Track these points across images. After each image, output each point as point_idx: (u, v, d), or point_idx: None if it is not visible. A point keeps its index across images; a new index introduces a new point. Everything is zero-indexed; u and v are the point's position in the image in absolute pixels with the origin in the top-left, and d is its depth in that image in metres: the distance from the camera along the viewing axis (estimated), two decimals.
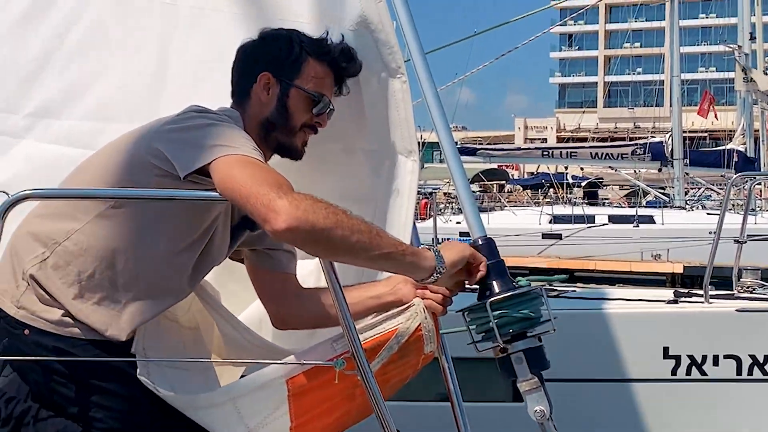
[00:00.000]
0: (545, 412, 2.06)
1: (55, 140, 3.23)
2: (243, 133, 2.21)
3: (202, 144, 2.10)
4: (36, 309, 2.23)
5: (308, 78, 2.39)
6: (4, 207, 1.97)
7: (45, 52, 3.28)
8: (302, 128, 2.40)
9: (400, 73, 2.54)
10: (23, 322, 2.22)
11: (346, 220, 1.97)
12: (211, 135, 2.13)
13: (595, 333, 5.12)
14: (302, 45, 2.40)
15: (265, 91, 2.38)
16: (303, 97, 2.38)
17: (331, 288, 2.02)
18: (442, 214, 21.69)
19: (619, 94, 72.07)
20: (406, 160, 2.57)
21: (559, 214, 20.45)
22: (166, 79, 3.10)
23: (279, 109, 2.37)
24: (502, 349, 2.10)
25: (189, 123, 2.19)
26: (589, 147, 25.30)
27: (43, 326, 2.21)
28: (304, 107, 2.39)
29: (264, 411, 2.12)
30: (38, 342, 2.21)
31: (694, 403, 5.10)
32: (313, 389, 2.11)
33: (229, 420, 2.14)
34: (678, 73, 22.85)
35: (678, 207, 21.17)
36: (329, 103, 2.42)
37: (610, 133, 54.29)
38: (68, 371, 2.21)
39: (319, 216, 1.93)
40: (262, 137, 2.36)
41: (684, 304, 5.24)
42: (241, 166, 2.03)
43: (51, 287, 2.22)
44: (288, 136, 2.40)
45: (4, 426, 2.29)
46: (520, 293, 2.10)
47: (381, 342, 2.15)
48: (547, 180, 28.76)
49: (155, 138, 2.19)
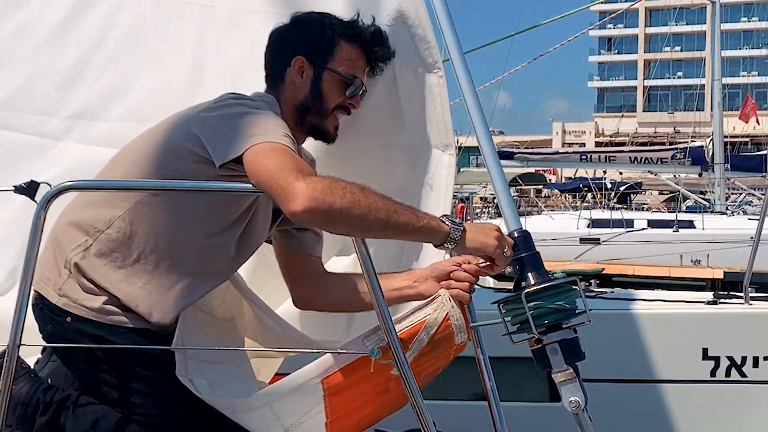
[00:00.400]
0: (580, 403, 2.07)
1: (94, 141, 3.30)
2: (277, 120, 2.25)
3: (238, 133, 2.14)
4: (78, 297, 2.28)
5: (341, 60, 2.42)
6: (46, 197, 2.02)
7: (83, 55, 3.35)
8: (335, 110, 2.44)
9: (437, 68, 2.56)
10: (65, 309, 2.28)
11: (363, 199, 2.02)
12: (247, 124, 2.17)
13: (633, 334, 5.08)
14: (334, 28, 2.44)
15: (299, 75, 2.42)
16: (336, 79, 2.42)
17: (367, 278, 2.03)
18: (479, 218, 21.62)
19: (659, 98, 71.45)
20: (442, 154, 2.59)
21: (597, 219, 20.29)
22: (203, 79, 3.15)
23: (313, 93, 2.41)
24: (537, 341, 2.11)
25: (226, 111, 2.23)
26: (629, 151, 25.06)
27: (85, 314, 2.26)
28: (338, 90, 2.43)
29: (300, 411, 2.16)
30: (79, 329, 2.26)
31: (733, 405, 5.05)
32: (348, 387, 2.14)
33: (266, 421, 2.18)
34: (719, 77, 22.60)
35: (718, 212, 20.92)
36: (362, 85, 2.46)
37: (650, 137, 53.82)
38: (109, 358, 2.26)
39: (336, 197, 2.00)
40: (297, 121, 2.41)
41: (723, 305, 5.19)
42: (268, 155, 2.08)
43: (95, 275, 2.26)
44: (321, 118, 2.44)
45: (44, 414, 2.34)
46: (556, 285, 2.12)
47: (411, 334, 2.17)
48: (585, 184, 28.55)
49: (193, 123, 2.23)
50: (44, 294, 2.31)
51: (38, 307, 2.32)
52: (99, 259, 2.27)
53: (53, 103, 3.38)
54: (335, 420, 2.18)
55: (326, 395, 2.13)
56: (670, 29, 60.56)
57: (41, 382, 2.40)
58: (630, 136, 49.08)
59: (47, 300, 2.31)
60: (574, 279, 2.16)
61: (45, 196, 2.01)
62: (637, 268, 18.60)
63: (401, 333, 2.16)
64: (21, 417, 2.34)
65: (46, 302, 2.31)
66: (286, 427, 2.17)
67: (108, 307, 2.26)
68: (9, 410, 2.18)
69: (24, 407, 2.33)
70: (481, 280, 6.47)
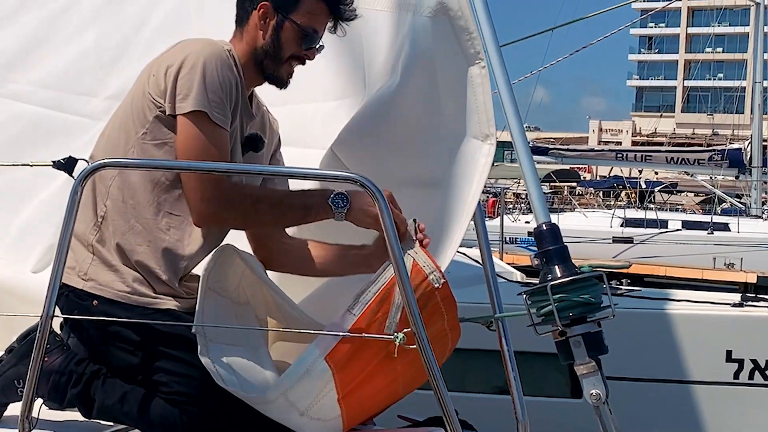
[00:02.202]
0: (601, 396, 2.08)
1: None
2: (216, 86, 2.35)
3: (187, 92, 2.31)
4: (104, 279, 2.34)
5: (304, 13, 2.50)
6: (84, 174, 2.07)
7: (125, 37, 3.40)
8: (290, 59, 2.53)
9: (479, 59, 2.56)
10: (91, 293, 2.34)
11: (253, 215, 2.37)
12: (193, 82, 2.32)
13: (657, 333, 5.08)
14: None
15: (262, 20, 2.51)
16: (296, 30, 2.50)
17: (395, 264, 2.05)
18: (510, 213, 21.55)
19: (699, 99, 70.56)
20: (482, 144, 2.58)
21: (631, 218, 20.15)
22: None
23: (273, 39, 2.51)
24: (561, 333, 2.13)
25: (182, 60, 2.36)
26: (665, 151, 24.85)
27: (112, 296, 2.32)
28: (295, 40, 2.52)
29: (313, 392, 2.20)
30: (106, 312, 2.31)
31: (755, 408, 5.02)
32: (351, 357, 2.17)
33: (283, 410, 2.22)
34: (760, 80, 22.34)
35: (754, 216, 20.69)
36: (318, 40, 2.55)
37: (688, 138, 53.27)
38: (137, 338, 2.31)
39: (228, 222, 2.42)
40: (254, 63, 2.52)
41: (749, 308, 5.16)
42: (197, 140, 2.31)
43: (113, 251, 2.34)
44: (276, 65, 2.53)
45: (76, 385, 2.39)
46: (582, 278, 2.13)
47: (388, 292, 2.18)
48: (619, 183, 28.33)
49: (158, 78, 2.38)
50: (68, 282, 2.35)
51: (63, 294, 2.34)
52: (112, 233, 2.35)
53: (94, 84, 3.44)
54: (347, 394, 2.22)
55: (334, 372, 2.17)
56: (713, 30, 59.74)
57: (74, 354, 2.46)
58: (668, 137, 48.67)
59: (72, 286, 2.36)
60: (600, 274, 2.18)
61: (82, 173, 2.05)
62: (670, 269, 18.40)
63: (379, 293, 2.19)
64: (54, 387, 2.39)
65: (71, 289, 2.36)
66: (302, 411, 2.21)
67: (135, 286, 2.33)
68: (41, 381, 2.23)
69: (58, 377, 2.39)
70: (509, 274, 6.45)
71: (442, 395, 2.07)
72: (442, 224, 2.58)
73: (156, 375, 2.33)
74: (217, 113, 2.32)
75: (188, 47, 2.40)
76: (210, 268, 2.33)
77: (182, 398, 2.30)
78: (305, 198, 2.36)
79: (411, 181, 2.71)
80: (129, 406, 2.34)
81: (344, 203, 2.29)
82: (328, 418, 2.27)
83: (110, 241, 2.36)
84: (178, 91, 2.32)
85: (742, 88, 38.35)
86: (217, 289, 2.35)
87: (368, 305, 2.17)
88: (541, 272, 2.20)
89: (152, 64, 2.45)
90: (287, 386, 2.20)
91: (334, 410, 2.24)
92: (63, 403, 2.41)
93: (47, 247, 3.26)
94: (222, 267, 2.37)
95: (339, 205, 2.30)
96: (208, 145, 2.30)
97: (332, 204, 2.30)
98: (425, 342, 2.03)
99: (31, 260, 3.32)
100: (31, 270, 3.30)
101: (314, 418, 2.24)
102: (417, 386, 2.31)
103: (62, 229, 2.03)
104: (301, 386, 2.19)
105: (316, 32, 2.53)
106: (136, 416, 2.34)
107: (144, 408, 2.32)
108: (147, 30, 3.40)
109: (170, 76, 2.33)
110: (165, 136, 2.35)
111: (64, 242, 2.03)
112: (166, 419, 2.30)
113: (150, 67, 2.45)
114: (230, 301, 2.43)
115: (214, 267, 2.34)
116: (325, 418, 2.26)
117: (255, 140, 2.55)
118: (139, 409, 2.32)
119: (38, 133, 3.48)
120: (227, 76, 2.36)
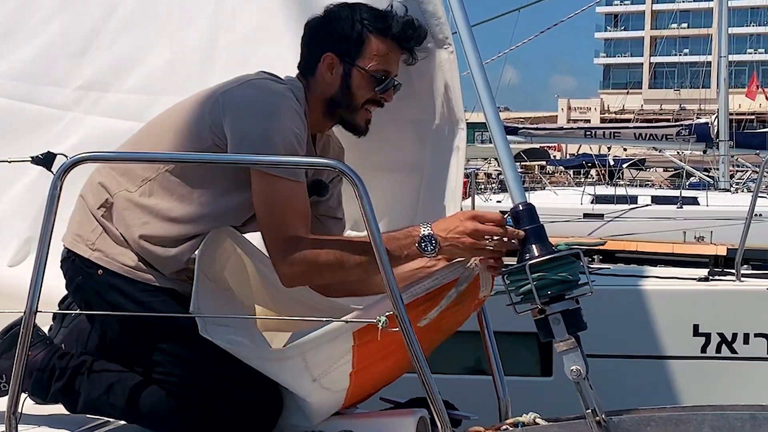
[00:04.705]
0: (582, 372, 2.12)
1: (105, 113, 3.33)
2: (293, 134, 2.28)
3: (255, 146, 2.25)
4: (111, 252, 2.35)
5: (371, 56, 2.43)
6: (63, 168, 2.06)
7: (95, 26, 3.37)
8: (366, 104, 2.47)
9: (447, 44, 2.59)
10: (97, 263, 2.35)
11: (339, 272, 2.26)
12: (265, 138, 2.25)
13: (625, 310, 5.13)
14: (363, 23, 2.43)
15: (329, 71, 2.44)
16: (366, 76, 2.43)
17: (376, 248, 2.07)
18: (483, 193, 21.61)
19: (665, 75, 71.09)
20: (453, 129, 2.62)
21: (601, 195, 20.28)
22: (216, 52, 3.17)
23: (342, 89, 2.44)
24: (541, 311, 2.16)
25: (249, 112, 2.28)
26: (633, 127, 24.98)
27: (117, 269, 2.33)
28: (367, 86, 2.45)
29: (329, 361, 2.21)
30: (110, 282, 2.32)
31: (722, 382, 5.09)
32: (374, 339, 2.16)
33: (295, 370, 2.23)
34: (726, 54, 22.48)
35: (722, 189, 20.89)
36: (393, 81, 2.47)
37: (655, 114, 53.63)
38: (136, 312, 2.30)
39: (313, 279, 2.35)
40: (325, 112, 2.46)
41: (715, 283, 5.23)
42: (272, 201, 2.25)
43: (122, 229, 2.34)
44: (351, 113, 2.47)
45: (59, 379, 2.40)
46: (559, 256, 2.16)
47: (441, 291, 2.23)
48: (588, 161, 28.48)
49: (220, 111, 2.30)
50: (75, 250, 2.38)
51: (70, 259, 2.39)
52: (121, 215, 2.35)
53: (64, 74, 3.42)
54: (360, 370, 2.25)
55: (356, 345, 2.19)
56: (677, 6, 60.11)
57: (56, 348, 2.46)
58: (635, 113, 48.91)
59: (79, 254, 2.38)
60: (577, 251, 2.21)
61: (61, 167, 2.05)
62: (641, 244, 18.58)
63: (433, 290, 2.22)
64: (36, 383, 2.40)
65: (78, 255, 2.38)
66: (314, 377, 2.22)
67: (140, 263, 2.34)
68: (25, 376, 2.24)
69: (40, 373, 2.39)
70: None
71: (426, 375, 2.09)
72: (425, 211, 2.61)
73: (152, 354, 2.33)
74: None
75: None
76: (201, 251, 2.33)
77: (177, 380, 2.31)
78: (393, 247, 2.22)
79: (388, 167, 2.73)
80: (116, 398, 2.34)
81: (433, 246, 2.22)
82: (336, 390, 2.29)
83: (119, 218, 2.36)
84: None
85: (707, 63, 38.62)
86: (205, 270, 2.35)
87: (415, 298, 2.19)
88: (518, 252, 2.23)
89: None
90: (308, 347, 2.20)
91: (344, 383, 2.27)
92: (46, 399, 2.42)
93: (23, 241, 3.25)
94: (210, 250, 2.37)
95: (428, 249, 2.22)
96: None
97: (422, 250, 2.22)
98: (407, 325, 2.05)
99: (7, 254, 3.30)
100: (7, 264, 3.29)
101: (324, 387, 2.25)
102: (405, 371, 2.34)
103: (43, 225, 2.02)
104: (323, 351, 2.20)
105: (388, 73, 2.47)
106: (123, 407, 2.35)
107: (132, 398, 2.33)
108: (115, 18, 3.37)
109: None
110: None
111: (45, 237, 2.03)
112: (156, 408, 2.31)
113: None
114: (221, 284, 2.44)
115: (205, 250, 2.34)
116: (334, 389, 2.28)
117: (319, 186, 2.50)
118: (128, 399, 2.33)
119: (9, 125, 3.45)
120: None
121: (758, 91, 26.42)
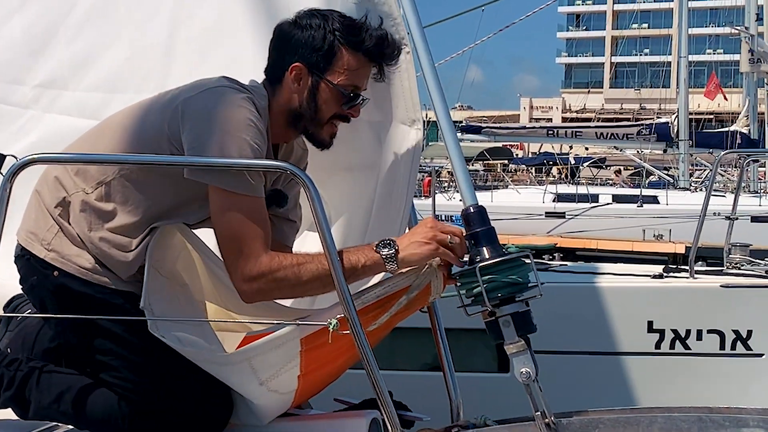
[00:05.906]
0: (531, 374, 2.13)
1: (63, 111, 3.29)
2: (250, 148, 2.21)
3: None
4: (67, 253, 2.30)
5: (341, 70, 2.35)
6: (12, 170, 2.04)
7: (53, 23, 3.33)
8: (332, 119, 2.40)
9: (404, 44, 2.58)
10: (53, 264, 2.30)
11: (299, 288, 2.24)
12: (223, 147, 2.19)
13: (580, 306, 5.19)
14: (336, 34, 2.34)
15: (296, 82, 2.36)
16: (334, 91, 2.36)
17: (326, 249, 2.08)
18: (446, 192, 21.68)
19: (626, 74, 71.71)
20: (409, 129, 2.63)
21: (563, 193, 20.44)
22: (175, 50, 3.14)
23: (309, 102, 2.36)
24: (491, 313, 2.17)
25: (209, 127, 2.22)
26: (595, 127, 25.21)
27: (73, 270, 2.29)
28: (335, 101, 2.37)
29: (276, 365, 2.21)
30: (65, 284, 2.29)
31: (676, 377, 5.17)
32: (324, 343, 2.17)
33: (243, 374, 2.22)
34: (686, 54, 22.77)
35: (682, 188, 21.15)
36: (360, 97, 2.40)
37: (616, 114, 54.06)
38: (92, 315, 2.27)
39: (273, 294, 2.29)
40: (289, 123, 2.39)
41: (669, 280, 5.30)
42: (232, 216, 2.20)
43: (77, 230, 2.30)
44: (316, 127, 2.40)
45: (9, 388, 2.36)
46: (509, 259, 2.17)
47: (391, 299, 2.24)
48: (550, 160, 28.69)
49: (182, 128, 2.24)
50: (30, 249, 2.33)
51: (24, 257, 2.34)
52: (78, 216, 2.31)
53: (22, 71, 3.37)
54: (308, 372, 2.25)
55: (303, 351, 2.19)
56: (638, 6, 60.69)
57: (3, 356, 2.42)
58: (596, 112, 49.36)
59: (33, 254, 2.33)
60: (527, 253, 2.23)
61: (11, 169, 2.03)
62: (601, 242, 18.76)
63: (384, 297, 2.23)
64: None
65: (33, 255, 2.33)
66: (262, 381, 2.22)
67: (96, 266, 2.30)
68: None
69: None
70: None
71: (376, 379, 2.10)
72: (380, 210, 2.62)
73: (104, 357, 2.31)
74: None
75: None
76: (152, 246, 2.31)
77: (130, 384, 2.29)
78: (350, 257, 2.20)
79: (347, 167, 2.74)
80: (66, 406, 2.32)
81: (390, 247, 2.19)
82: (284, 392, 2.29)
83: (75, 219, 2.32)
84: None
85: (667, 63, 39.05)
86: (157, 267, 2.34)
87: (367, 305, 2.20)
88: (469, 254, 2.24)
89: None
90: (254, 353, 2.20)
91: (292, 385, 2.27)
92: None
93: None
94: (161, 245, 2.35)
95: (384, 252, 2.20)
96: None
97: (378, 250, 2.20)
98: (358, 327, 2.07)
99: None
100: None
101: (271, 390, 2.25)
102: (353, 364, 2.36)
103: None
104: (269, 357, 2.20)
105: (357, 88, 2.39)
106: (73, 415, 2.32)
107: (82, 405, 2.30)
108: (75, 15, 3.33)
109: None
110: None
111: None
112: (107, 414, 2.29)
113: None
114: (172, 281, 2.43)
115: (155, 245, 2.32)
116: (282, 391, 2.28)
117: (278, 197, 2.43)
118: (77, 407, 2.30)
119: None
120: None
121: (717, 91, 26.70)
